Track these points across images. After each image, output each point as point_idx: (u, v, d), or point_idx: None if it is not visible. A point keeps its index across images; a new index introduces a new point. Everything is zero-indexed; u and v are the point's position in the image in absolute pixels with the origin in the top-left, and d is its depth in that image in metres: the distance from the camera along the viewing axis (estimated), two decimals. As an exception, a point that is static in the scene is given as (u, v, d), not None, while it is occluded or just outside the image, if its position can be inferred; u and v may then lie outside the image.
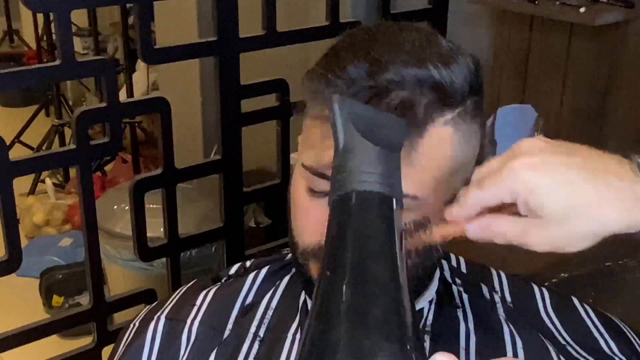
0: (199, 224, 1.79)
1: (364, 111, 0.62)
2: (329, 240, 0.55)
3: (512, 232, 0.67)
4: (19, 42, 5.17)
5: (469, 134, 0.78)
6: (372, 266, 0.53)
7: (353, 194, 0.56)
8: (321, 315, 0.51)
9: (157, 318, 0.92)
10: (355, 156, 0.57)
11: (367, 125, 0.60)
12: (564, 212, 0.64)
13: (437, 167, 0.77)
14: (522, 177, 0.64)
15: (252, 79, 1.57)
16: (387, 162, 0.58)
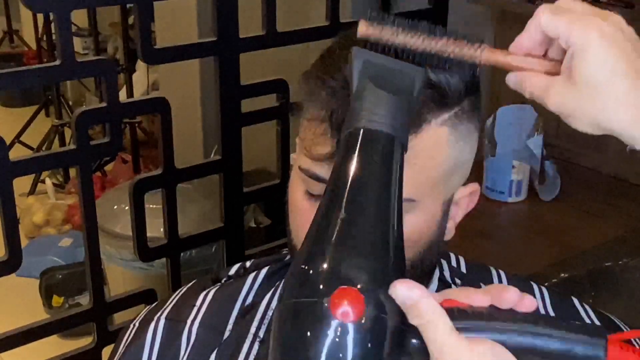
0: (199, 224, 1.79)
1: (380, 60, 0.67)
2: (334, 171, 0.63)
3: (538, 87, 0.68)
4: (19, 42, 5.17)
5: (466, 133, 0.78)
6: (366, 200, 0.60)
7: (361, 131, 0.63)
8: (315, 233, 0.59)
9: (157, 319, 0.92)
10: (365, 99, 0.64)
11: (380, 72, 0.66)
12: (592, 88, 0.65)
13: (433, 167, 0.77)
14: (590, 33, 0.65)
15: (252, 79, 1.57)
16: (395, 106, 0.64)
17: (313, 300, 0.56)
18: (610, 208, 1.77)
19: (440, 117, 0.75)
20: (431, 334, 0.57)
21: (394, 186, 0.63)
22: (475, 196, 0.86)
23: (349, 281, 0.56)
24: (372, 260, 0.58)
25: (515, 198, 1.78)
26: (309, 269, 0.57)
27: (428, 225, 0.80)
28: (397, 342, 0.58)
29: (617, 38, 0.66)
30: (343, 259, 0.57)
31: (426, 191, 0.77)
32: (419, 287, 0.58)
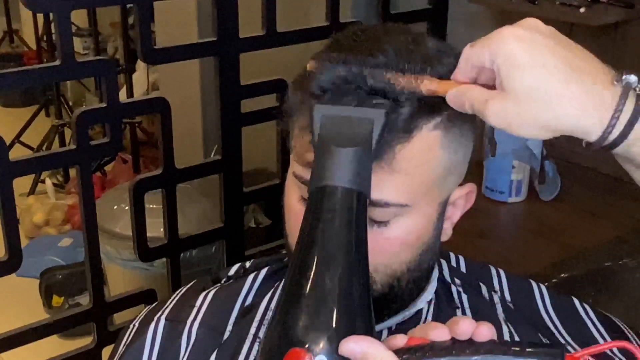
0: (199, 224, 1.79)
1: (339, 111, 0.70)
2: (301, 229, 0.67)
3: (477, 100, 0.67)
4: (19, 42, 5.16)
5: (460, 135, 0.78)
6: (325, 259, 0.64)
7: (321, 189, 0.66)
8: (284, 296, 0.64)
9: (157, 319, 0.92)
10: (324, 157, 0.68)
11: (339, 124, 0.69)
12: (527, 92, 0.64)
13: (426, 172, 0.76)
14: (506, 44, 0.65)
15: (252, 79, 1.57)
16: (353, 159, 0.67)
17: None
18: (610, 208, 1.77)
19: (431, 122, 0.75)
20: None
21: (355, 240, 0.65)
22: (472, 196, 0.86)
23: (299, 342, 0.60)
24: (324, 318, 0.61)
25: (515, 198, 1.78)
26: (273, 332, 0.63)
27: (424, 227, 0.80)
28: None
29: (536, 38, 0.65)
30: (296, 320, 0.61)
31: (420, 195, 0.77)
32: (366, 339, 0.60)
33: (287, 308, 0.63)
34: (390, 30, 0.78)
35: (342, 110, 0.70)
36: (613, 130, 0.65)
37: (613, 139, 0.65)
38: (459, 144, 0.78)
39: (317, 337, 0.60)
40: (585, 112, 0.65)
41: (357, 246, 0.65)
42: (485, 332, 0.63)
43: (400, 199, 0.75)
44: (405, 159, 0.74)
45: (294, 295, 0.63)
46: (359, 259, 0.65)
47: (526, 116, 0.65)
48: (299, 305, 0.62)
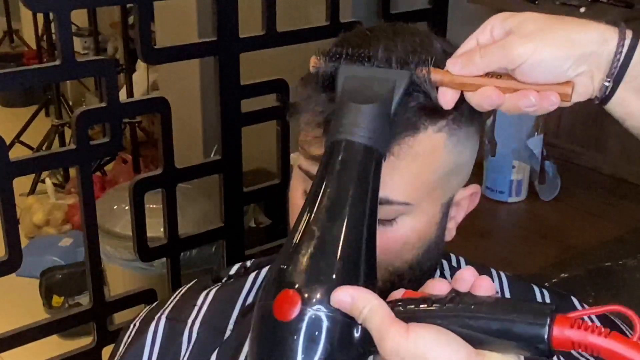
0: (199, 224, 1.79)
1: (363, 72, 0.71)
2: (317, 174, 0.67)
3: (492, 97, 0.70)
4: (19, 42, 5.16)
5: (465, 138, 0.78)
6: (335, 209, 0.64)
7: (342, 143, 0.67)
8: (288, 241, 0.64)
9: (158, 318, 0.92)
10: (343, 112, 0.68)
11: (362, 84, 0.70)
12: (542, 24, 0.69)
13: (430, 172, 0.77)
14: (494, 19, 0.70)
15: (252, 79, 1.57)
16: (373, 116, 0.68)
17: (267, 302, 0.62)
18: (610, 208, 1.77)
19: (437, 124, 0.75)
20: (370, 323, 0.60)
21: (368, 197, 0.66)
22: (476, 197, 0.86)
23: (292, 285, 0.61)
24: (323, 266, 0.62)
25: (515, 198, 1.78)
26: (272, 274, 0.63)
27: (427, 227, 0.80)
28: (346, 337, 0.62)
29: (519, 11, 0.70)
30: (296, 265, 0.62)
31: (423, 195, 0.77)
32: (355, 288, 0.61)
33: (288, 251, 0.63)
34: (399, 31, 0.78)
35: (365, 70, 0.71)
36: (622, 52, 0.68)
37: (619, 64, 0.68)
38: (463, 146, 0.78)
39: (311, 283, 0.61)
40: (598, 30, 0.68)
41: (366, 201, 0.65)
42: (485, 284, 0.63)
43: (403, 197, 0.75)
44: (409, 159, 0.74)
45: (297, 240, 0.63)
46: (367, 214, 0.65)
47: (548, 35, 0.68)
48: (299, 250, 0.63)
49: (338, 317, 0.61)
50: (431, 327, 0.60)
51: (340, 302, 0.60)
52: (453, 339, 0.60)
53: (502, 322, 0.60)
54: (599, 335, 0.58)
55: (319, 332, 0.60)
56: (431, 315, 0.62)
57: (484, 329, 0.60)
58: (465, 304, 0.62)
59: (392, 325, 0.60)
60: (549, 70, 0.68)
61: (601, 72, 0.69)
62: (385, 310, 0.61)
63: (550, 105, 0.69)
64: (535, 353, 0.61)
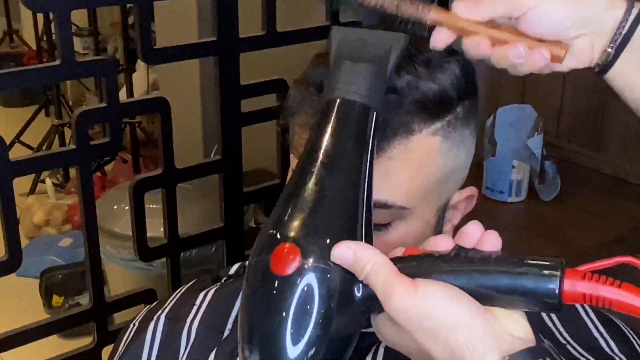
0: (199, 224, 1.79)
1: (356, 34, 0.71)
2: (309, 139, 0.66)
3: None
4: (19, 42, 5.16)
5: (461, 140, 0.78)
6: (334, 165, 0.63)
7: (334, 101, 0.66)
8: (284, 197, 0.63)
9: (157, 318, 0.92)
10: (338, 71, 0.67)
11: (356, 45, 0.69)
12: None
13: (425, 176, 0.76)
14: None
15: (252, 79, 1.57)
16: (368, 75, 0.67)
17: (262, 257, 0.60)
18: (610, 208, 1.77)
19: (431, 127, 0.75)
20: (374, 280, 0.59)
21: (365, 154, 0.65)
22: (473, 199, 0.86)
23: (291, 239, 0.59)
24: (321, 220, 0.61)
25: (515, 198, 1.78)
26: (268, 229, 0.62)
27: (423, 231, 0.80)
28: (346, 295, 0.60)
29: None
30: (294, 219, 0.61)
31: (419, 199, 0.77)
32: (357, 243, 0.60)
33: (285, 205, 0.62)
34: None
35: (360, 32, 0.71)
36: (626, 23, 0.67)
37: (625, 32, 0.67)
38: (459, 149, 0.78)
39: (310, 237, 0.60)
40: None
41: (364, 157, 0.65)
42: (492, 239, 0.62)
43: (400, 201, 0.75)
44: (405, 162, 0.74)
45: (293, 194, 0.62)
46: (365, 171, 0.64)
47: None
48: (297, 204, 0.61)
49: (338, 272, 0.59)
50: (439, 283, 0.59)
51: (341, 257, 0.59)
52: (461, 296, 0.59)
53: (511, 277, 0.59)
54: (611, 286, 0.57)
55: (318, 287, 0.58)
56: (436, 271, 0.60)
57: (492, 285, 0.59)
58: (471, 259, 0.60)
59: (397, 281, 0.58)
60: (551, 24, 0.68)
61: (604, 39, 0.69)
62: (390, 266, 0.59)
63: (540, 59, 0.69)
64: (544, 308, 0.60)
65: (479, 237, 0.62)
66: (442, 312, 0.58)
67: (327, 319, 0.59)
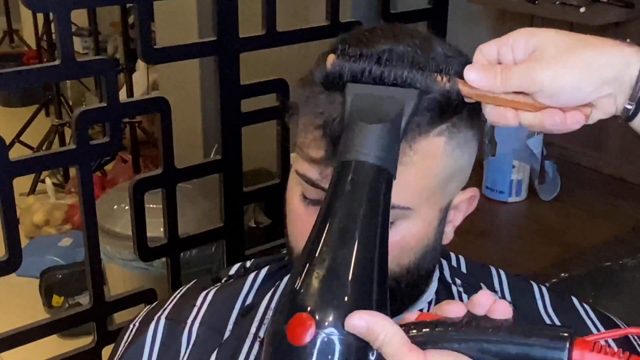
0: (199, 224, 1.79)
1: (371, 90, 0.71)
2: (325, 200, 0.66)
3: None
4: (19, 42, 5.17)
5: (465, 142, 0.78)
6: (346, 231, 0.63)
7: (349, 163, 0.66)
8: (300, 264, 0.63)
9: (158, 318, 0.92)
10: (353, 132, 0.68)
11: (370, 102, 0.69)
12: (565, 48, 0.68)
13: (430, 176, 0.76)
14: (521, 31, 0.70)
15: (252, 79, 1.57)
16: (383, 136, 0.67)
17: (279, 327, 0.61)
18: (610, 208, 1.77)
19: (437, 128, 0.75)
20: (387, 350, 0.59)
21: (379, 217, 0.65)
22: (474, 200, 0.86)
23: (306, 309, 0.60)
24: (336, 290, 0.61)
25: (515, 198, 1.78)
26: (284, 298, 0.63)
27: (425, 231, 0.80)
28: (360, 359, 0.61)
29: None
30: (309, 289, 0.61)
31: (422, 199, 0.77)
32: (371, 313, 0.60)
33: (300, 274, 0.62)
34: (399, 33, 0.77)
35: (374, 89, 0.71)
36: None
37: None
38: (462, 150, 0.78)
39: (324, 306, 0.60)
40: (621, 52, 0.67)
41: (378, 222, 0.65)
42: (502, 308, 0.62)
43: (404, 202, 0.75)
44: (409, 162, 0.74)
45: (308, 263, 0.63)
46: (378, 236, 0.64)
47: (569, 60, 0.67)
48: (311, 273, 0.62)
49: (352, 341, 0.60)
50: (448, 353, 0.60)
51: (354, 327, 0.60)
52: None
53: (521, 347, 0.59)
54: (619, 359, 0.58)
55: (333, 356, 0.59)
56: (447, 339, 0.61)
57: (502, 354, 0.60)
58: (483, 327, 0.61)
59: (409, 353, 0.59)
60: (570, 95, 0.67)
61: (623, 95, 0.68)
62: (401, 337, 0.60)
63: (575, 124, 0.69)
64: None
65: (490, 305, 0.63)
66: None
67: None
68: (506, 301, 0.63)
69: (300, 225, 0.81)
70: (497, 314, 0.62)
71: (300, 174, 0.79)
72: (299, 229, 0.81)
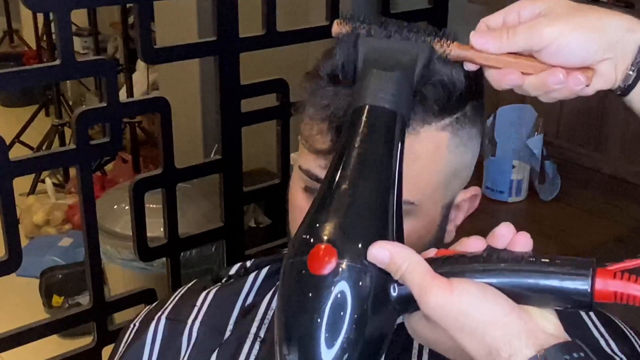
0: (199, 224, 1.79)
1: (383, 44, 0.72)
2: (342, 138, 0.67)
3: None
4: (19, 42, 5.16)
5: (468, 138, 0.78)
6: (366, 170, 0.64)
7: (364, 107, 0.67)
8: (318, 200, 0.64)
9: (158, 318, 0.92)
10: (367, 79, 0.69)
11: (383, 54, 0.71)
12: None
13: (433, 172, 0.77)
14: None
15: (252, 79, 1.57)
16: (396, 82, 0.68)
17: (299, 258, 0.61)
18: (610, 208, 1.77)
19: (441, 121, 0.75)
20: (410, 280, 0.60)
21: (395, 158, 0.66)
22: (476, 200, 0.86)
23: (327, 240, 0.60)
24: (356, 222, 0.62)
25: (515, 198, 1.78)
26: (303, 231, 0.63)
27: (427, 228, 0.80)
28: (381, 294, 0.61)
29: None
30: (329, 221, 0.62)
31: (426, 195, 0.77)
32: (392, 243, 0.61)
33: (320, 206, 0.63)
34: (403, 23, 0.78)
35: (385, 42, 0.72)
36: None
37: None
38: (466, 147, 0.78)
39: (346, 237, 0.61)
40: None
41: (394, 162, 0.66)
42: (523, 240, 0.63)
43: (408, 196, 0.75)
44: (413, 156, 0.74)
45: (326, 198, 0.63)
46: (395, 175, 0.65)
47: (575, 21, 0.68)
48: (330, 207, 0.62)
49: (374, 272, 0.60)
50: (474, 282, 0.60)
51: (377, 256, 0.60)
52: (497, 295, 0.60)
53: (544, 277, 0.60)
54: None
55: (355, 287, 0.59)
56: (470, 271, 0.61)
57: (525, 285, 0.60)
58: (504, 259, 0.61)
59: (434, 281, 0.59)
60: (575, 54, 0.68)
61: (626, 61, 0.69)
62: (425, 266, 0.60)
63: (577, 84, 0.69)
64: (576, 306, 0.61)
65: (511, 238, 0.63)
66: (479, 310, 0.59)
67: (362, 319, 0.60)
68: (527, 233, 0.63)
69: None
70: (518, 246, 0.63)
71: (304, 169, 0.79)
72: None
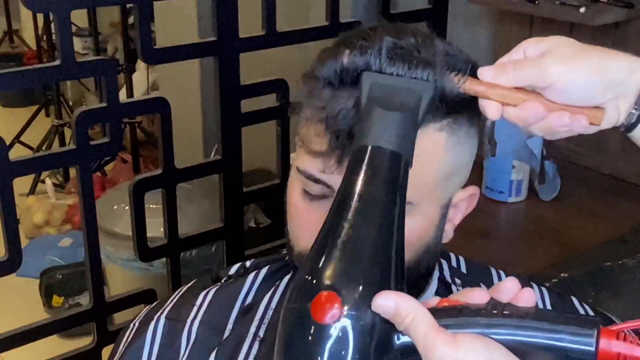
0: (199, 224, 1.79)
1: (387, 80, 0.71)
2: (342, 184, 0.66)
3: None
4: (19, 42, 5.17)
5: (465, 139, 0.78)
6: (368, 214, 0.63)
7: (367, 148, 0.66)
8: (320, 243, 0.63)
9: (157, 318, 0.92)
10: (371, 118, 0.68)
11: (387, 92, 0.70)
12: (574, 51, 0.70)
13: (431, 172, 0.77)
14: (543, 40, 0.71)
15: (252, 79, 1.57)
16: (400, 123, 0.68)
17: (302, 305, 0.60)
18: (610, 208, 1.77)
19: (438, 122, 0.75)
20: (414, 333, 0.59)
21: (398, 201, 0.65)
22: (474, 199, 0.86)
23: (331, 287, 0.59)
24: (360, 268, 0.61)
25: (515, 198, 1.78)
26: (305, 276, 0.61)
27: (425, 228, 0.80)
28: (384, 342, 0.60)
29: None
30: (333, 267, 0.60)
31: (424, 195, 0.77)
32: (398, 294, 0.60)
33: (320, 251, 0.62)
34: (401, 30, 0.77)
35: (390, 79, 0.71)
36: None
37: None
38: (463, 147, 0.78)
39: (350, 285, 0.59)
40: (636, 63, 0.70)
41: (396, 205, 0.65)
42: (527, 296, 0.62)
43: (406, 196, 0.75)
44: None
45: (328, 240, 0.62)
46: (397, 218, 0.64)
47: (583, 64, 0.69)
48: (332, 251, 0.61)
49: (378, 321, 0.59)
50: (479, 337, 0.59)
51: (383, 307, 0.59)
52: (502, 352, 0.59)
53: (548, 334, 0.59)
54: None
55: (358, 335, 0.59)
56: (474, 325, 0.60)
57: (529, 341, 0.59)
58: (509, 314, 0.61)
59: (438, 336, 0.58)
60: (579, 93, 0.69)
61: (628, 101, 0.70)
62: (430, 319, 0.59)
63: (580, 128, 0.71)
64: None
65: (515, 293, 0.63)
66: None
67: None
68: (531, 289, 0.63)
69: (301, 221, 0.81)
70: (522, 302, 0.62)
71: (301, 170, 0.79)
72: (300, 225, 0.81)
